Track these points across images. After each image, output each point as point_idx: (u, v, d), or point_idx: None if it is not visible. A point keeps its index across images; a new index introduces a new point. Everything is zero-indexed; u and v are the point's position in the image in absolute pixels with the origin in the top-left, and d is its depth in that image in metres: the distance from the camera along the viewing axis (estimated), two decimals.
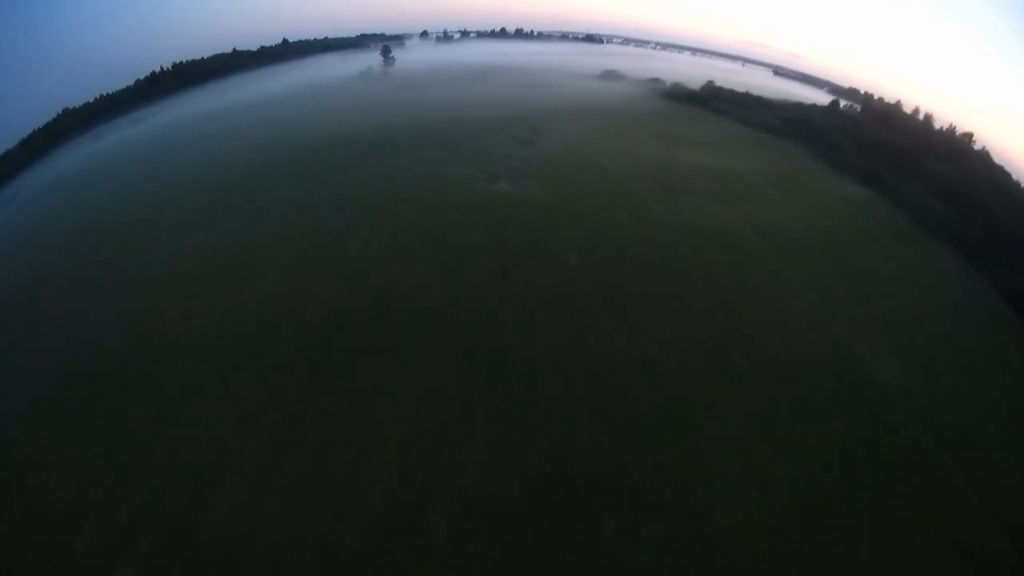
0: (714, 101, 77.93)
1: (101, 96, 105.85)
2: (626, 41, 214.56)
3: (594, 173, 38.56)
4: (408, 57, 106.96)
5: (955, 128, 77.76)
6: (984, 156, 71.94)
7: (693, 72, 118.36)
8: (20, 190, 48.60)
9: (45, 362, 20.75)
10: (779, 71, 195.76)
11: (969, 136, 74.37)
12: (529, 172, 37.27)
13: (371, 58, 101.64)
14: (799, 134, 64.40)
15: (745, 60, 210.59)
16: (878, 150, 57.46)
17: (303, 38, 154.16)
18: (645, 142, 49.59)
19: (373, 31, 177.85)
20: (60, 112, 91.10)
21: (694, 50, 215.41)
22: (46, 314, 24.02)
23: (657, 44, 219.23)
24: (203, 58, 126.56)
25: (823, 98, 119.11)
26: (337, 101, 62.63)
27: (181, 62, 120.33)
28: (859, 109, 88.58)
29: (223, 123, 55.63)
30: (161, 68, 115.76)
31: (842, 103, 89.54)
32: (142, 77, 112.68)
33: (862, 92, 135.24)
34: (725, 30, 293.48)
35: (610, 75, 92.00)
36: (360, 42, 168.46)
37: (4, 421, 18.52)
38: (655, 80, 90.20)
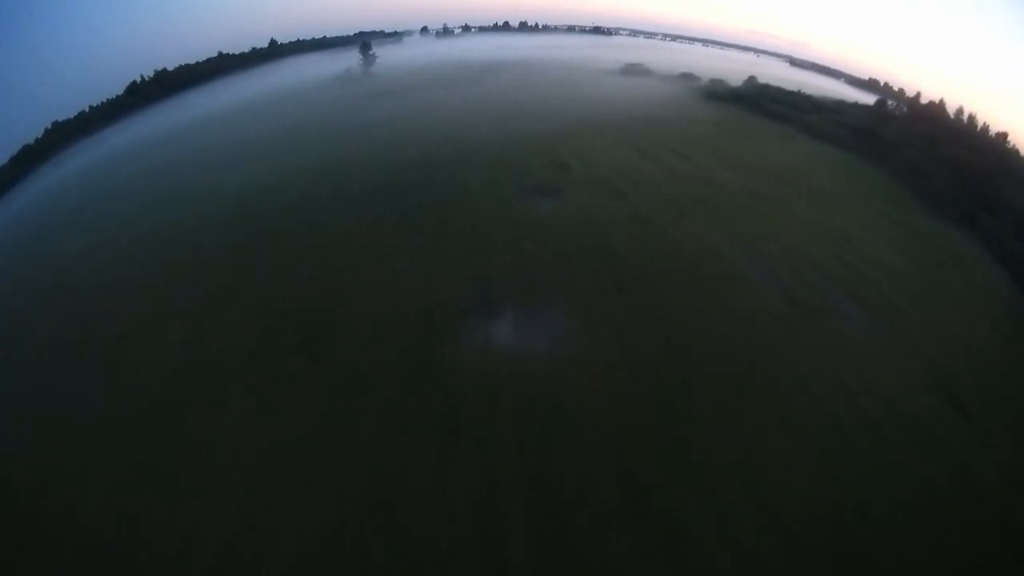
0: (767, 103, 57.07)
1: (91, 107, 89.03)
2: (633, 33, 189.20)
3: (678, 276, 18.18)
4: (400, 54, 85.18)
5: (988, 126, 61.72)
6: (1018, 157, 55.25)
7: (718, 65, 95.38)
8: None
9: None
10: (795, 61, 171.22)
11: (1004, 136, 57.97)
12: (561, 281, 17.09)
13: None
14: (870, 147, 44.72)
15: (757, 51, 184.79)
16: (958, 174, 38.49)
17: (301, 37, 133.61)
18: (720, 179, 29.23)
19: (373, 28, 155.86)
20: (50, 126, 74.58)
21: (705, 41, 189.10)
22: None
23: (665, 36, 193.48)
24: (195, 62, 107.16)
25: (844, 89, 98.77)
26: (281, 123, 42.18)
27: (164, 69, 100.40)
28: (904, 109, 69.78)
29: (118, 178, 36.38)
30: (142, 77, 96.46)
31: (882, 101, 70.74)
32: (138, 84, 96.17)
33: (881, 83, 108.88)
34: (730, 20, 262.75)
35: (633, 70, 70.20)
36: (358, 40, 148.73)
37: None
38: (687, 75, 68.59)
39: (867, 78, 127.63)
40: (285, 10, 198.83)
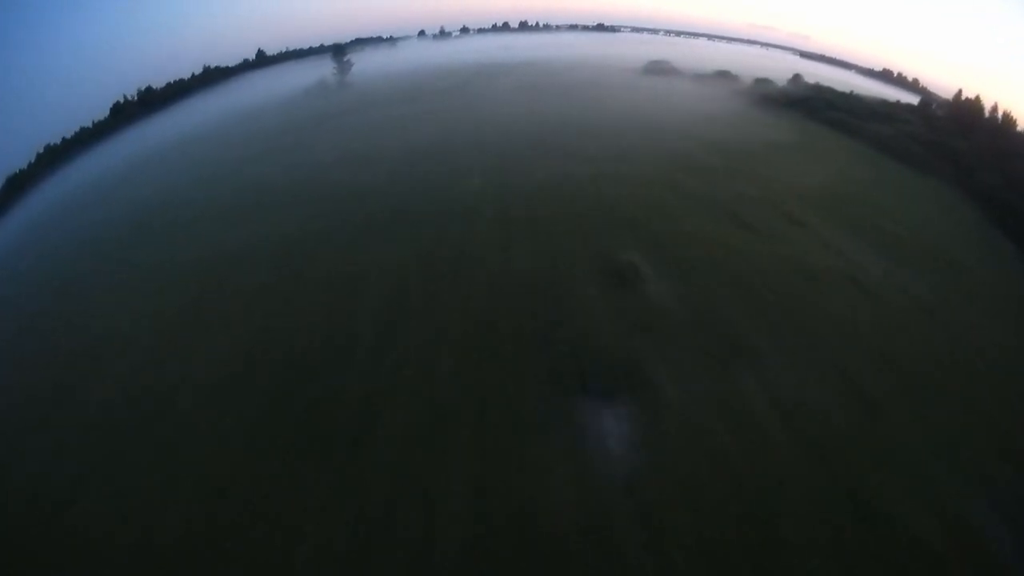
0: (826, 109, 42.20)
1: (82, 128, 74.09)
2: (636, 30, 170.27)
3: None
4: (385, 59, 69.43)
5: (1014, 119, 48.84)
6: None
7: (735, 60, 79.69)
8: None
9: None
10: (804, 54, 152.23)
11: None
12: None
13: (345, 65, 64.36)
14: (947, 167, 30.98)
15: (764, 44, 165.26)
16: None
17: (299, 46, 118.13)
18: (879, 287, 14.51)
19: (370, 35, 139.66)
20: (41, 151, 65.09)
21: (709, 36, 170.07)
22: None
23: (668, 32, 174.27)
24: (180, 79, 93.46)
25: (858, 80, 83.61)
26: (184, 178, 27.43)
27: (149, 87, 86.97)
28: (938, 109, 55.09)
29: None
30: (125, 97, 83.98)
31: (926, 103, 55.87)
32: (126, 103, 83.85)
33: (895, 73, 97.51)
34: (729, 14, 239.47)
35: (658, 68, 54.31)
36: (354, 47, 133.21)
37: None
38: (724, 74, 52.86)
39: (880, 69, 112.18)
40: (284, 19, 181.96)
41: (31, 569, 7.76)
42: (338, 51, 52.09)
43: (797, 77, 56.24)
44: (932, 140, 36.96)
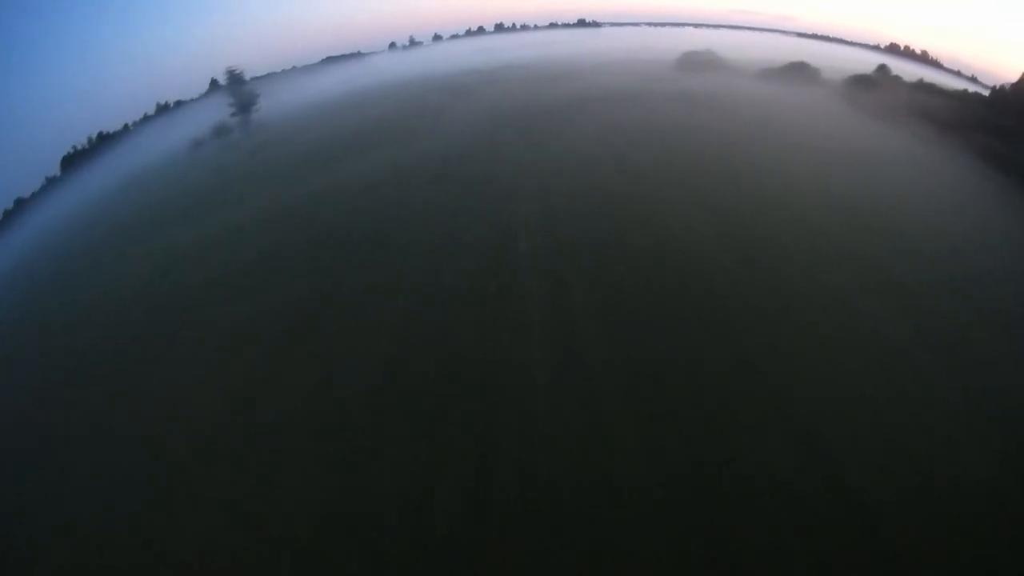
0: (960, 127, 23.92)
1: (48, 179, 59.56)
2: (616, 24, 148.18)
3: None
4: (334, 81, 49.42)
5: None
6: None
7: (751, 47, 60.96)
8: None
9: None
10: (802, 35, 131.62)
11: None
12: None
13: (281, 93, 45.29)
14: None
15: (750, 28, 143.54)
16: None
17: (267, 71, 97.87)
18: None
19: (341, 52, 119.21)
20: (13, 204, 55.59)
21: (695, 25, 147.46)
22: None
23: (651, 23, 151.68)
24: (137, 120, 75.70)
25: (869, 56, 67.85)
26: None
27: (105, 133, 70.43)
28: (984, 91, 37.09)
29: None
30: (74, 148, 68.86)
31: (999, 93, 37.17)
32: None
33: (901, 47, 79.89)
34: (705, 1, 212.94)
35: (701, 63, 35.18)
36: (326, 64, 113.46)
37: None
38: (799, 68, 34.09)
39: (885, 44, 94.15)
40: (259, 43, 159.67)
41: None
42: (235, 82, 31.59)
43: (882, 68, 37.03)
44: None
